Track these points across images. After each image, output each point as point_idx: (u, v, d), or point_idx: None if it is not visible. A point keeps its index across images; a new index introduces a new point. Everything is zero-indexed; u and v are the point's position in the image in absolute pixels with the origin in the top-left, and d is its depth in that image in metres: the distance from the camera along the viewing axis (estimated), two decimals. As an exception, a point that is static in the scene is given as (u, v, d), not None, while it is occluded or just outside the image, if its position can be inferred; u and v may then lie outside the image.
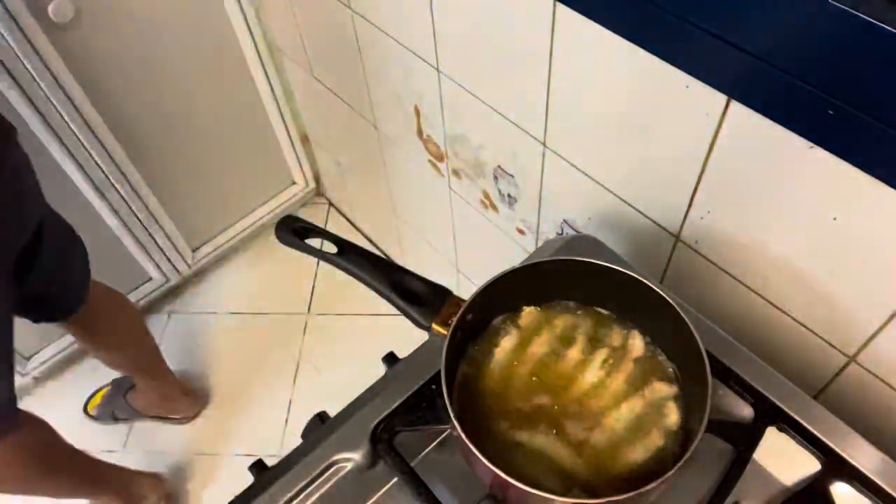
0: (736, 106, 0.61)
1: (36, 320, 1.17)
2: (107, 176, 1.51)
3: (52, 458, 1.22)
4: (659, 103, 0.69)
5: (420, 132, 1.22)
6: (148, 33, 1.40)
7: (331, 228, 1.35)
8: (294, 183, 1.99)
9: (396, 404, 0.67)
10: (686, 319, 0.59)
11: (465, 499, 0.64)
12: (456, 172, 1.20)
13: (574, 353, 0.66)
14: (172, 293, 1.90)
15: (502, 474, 0.53)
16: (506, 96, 0.93)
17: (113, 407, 1.69)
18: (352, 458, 0.65)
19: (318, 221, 1.99)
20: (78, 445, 1.65)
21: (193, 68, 1.52)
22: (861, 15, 0.46)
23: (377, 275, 0.67)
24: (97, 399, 1.71)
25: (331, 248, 0.70)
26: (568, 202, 0.96)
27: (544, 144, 0.91)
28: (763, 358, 0.68)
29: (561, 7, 0.72)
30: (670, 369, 0.65)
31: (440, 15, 0.93)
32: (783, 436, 0.65)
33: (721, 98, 0.62)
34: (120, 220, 1.61)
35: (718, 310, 0.80)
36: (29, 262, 0.99)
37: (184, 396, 1.66)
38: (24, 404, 1.69)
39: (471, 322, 0.65)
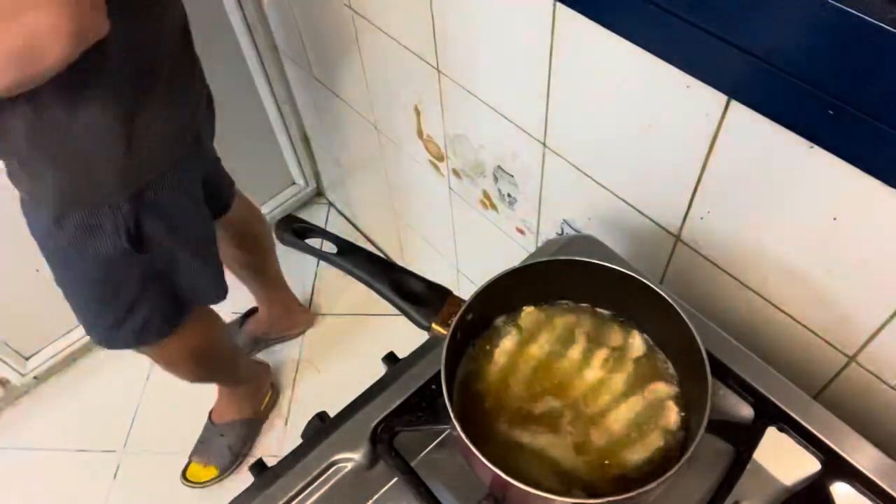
0: (736, 106, 0.61)
1: None
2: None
3: (214, 355, 1.37)
4: (659, 103, 0.69)
5: (420, 132, 1.22)
6: (148, 33, 1.39)
7: (331, 228, 1.35)
8: (294, 183, 1.99)
9: (396, 404, 0.67)
10: (686, 319, 0.59)
11: (465, 499, 0.64)
12: (456, 172, 1.20)
13: (574, 353, 0.66)
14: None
15: (502, 474, 0.53)
16: (506, 96, 0.93)
17: None
18: (352, 458, 0.65)
19: (318, 221, 1.99)
20: (79, 445, 1.67)
21: (193, 68, 1.52)
22: (861, 15, 0.46)
23: (377, 275, 0.67)
24: None
25: (331, 248, 0.70)
26: (568, 202, 0.96)
27: (544, 144, 0.91)
28: (763, 358, 0.68)
29: (561, 7, 0.72)
30: (670, 369, 0.65)
31: (440, 15, 0.93)
32: (783, 436, 0.65)
33: (721, 98, 0.62)
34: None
35: (718, 310, 0.80)
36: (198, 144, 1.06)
37: (301, 307, 1.77)
38: (24, 403, 1.72)
39: (471, 322, 0.65)
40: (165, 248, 1.00)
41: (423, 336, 0.67)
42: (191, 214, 1.04)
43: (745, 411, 0.67)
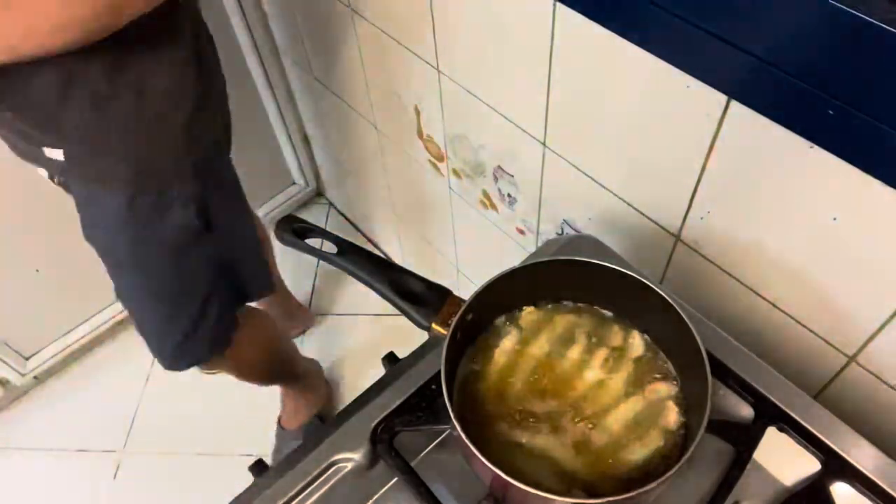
0: (736, 106, 0.61)
1: None
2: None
3: (280, 345, 1.40)
4: (659, 103, 0.69)
5: (420, 132, 1.22)
6: (148, 33, 1.39)
7: (331, 228, 1.35)
8: (294, 183, 1.99)
9: (396, 404, 0.67)
10: (686, 319, 0.59)
11: (465, 499, 0.64)
12: (456, 172, 1.20)
13: (574, 353, 0.66)
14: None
15: (502, 474, 0.53)
16: (506, 96, 0.93)
17: None
18: (352, 458, 0.65)
19: (318, 221, 1.99)
20: (79, 444, 1.67)
21: (193, 68, 1.52)
22: (861, 15, 0.46)
23: (377, 275, 0.68)
24: None
25: (331, 248, 0.70)
26: (568, 202, 0.96)
27: (544, 144, 0.91)
28: (763, 358, 0.68)
29: (561, 7, 0.72)
30: (670, 369, 0.65)
31: (440, 15, 0.93)
32: (783, 436, 0.65)
33: (721, 98, 0.62)
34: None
35: (718, 310, 0.80)
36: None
37: (300, 307, 1.77)
38: (24, 403, 1.72)
39: (471, 322, 0.65)
40: (229, 228, 1.00)
41: (423, 336, 0.67)
42: (241, 194, 1.05)
43: (745, 411, 0.67)
